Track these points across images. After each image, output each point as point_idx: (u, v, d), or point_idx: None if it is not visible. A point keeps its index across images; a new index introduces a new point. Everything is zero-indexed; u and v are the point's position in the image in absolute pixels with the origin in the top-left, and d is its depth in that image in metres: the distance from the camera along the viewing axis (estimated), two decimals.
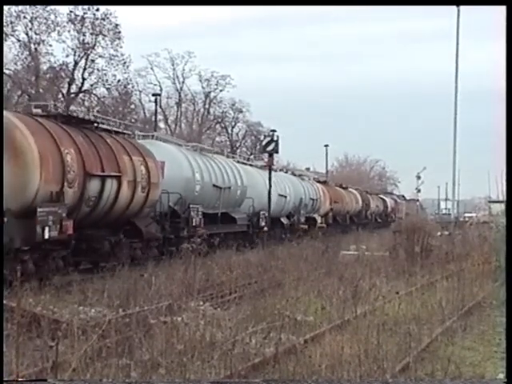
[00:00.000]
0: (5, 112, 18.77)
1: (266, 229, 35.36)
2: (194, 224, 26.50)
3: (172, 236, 25.26)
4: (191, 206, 26.71)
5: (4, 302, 12.16)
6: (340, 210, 52.94)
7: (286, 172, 45.92)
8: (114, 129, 23.59)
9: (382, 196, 76.39)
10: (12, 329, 10.14)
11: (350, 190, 59.62)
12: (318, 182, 50.84)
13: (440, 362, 10.89)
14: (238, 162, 36.88)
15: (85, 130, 21.08)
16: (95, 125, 22.12)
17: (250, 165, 38.67)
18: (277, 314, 13.28)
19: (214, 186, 29.35)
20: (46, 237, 17.85)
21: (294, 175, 46.18)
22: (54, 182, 18.50)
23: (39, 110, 20.57)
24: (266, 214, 35.47)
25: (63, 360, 9.51)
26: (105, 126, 22.86)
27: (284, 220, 39.85)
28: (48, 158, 18.31)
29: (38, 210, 17.66)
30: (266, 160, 39.15)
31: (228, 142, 71.69)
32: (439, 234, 32.99)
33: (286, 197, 39.87)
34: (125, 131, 24.80)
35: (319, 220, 45.69)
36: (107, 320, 11.15)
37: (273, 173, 37.34)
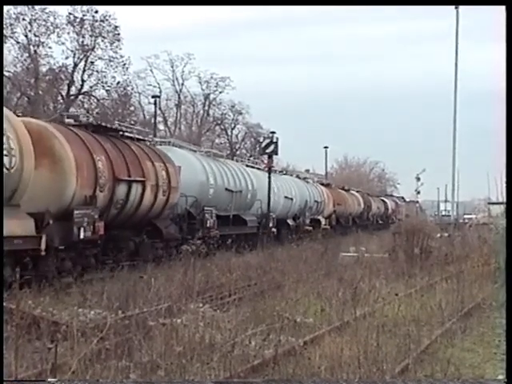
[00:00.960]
0: (43, 122, 20.45)
1: (274, 230, 36.64)
2: (208, 225, 27.94)
3: (189, 236, 26.15)
4: (205, 208, 28.15)
5: (4, 303, 12.15)
6: (343, 211, 54.22)
7: (286, 173, 46.22)
8: (137, 136, 25.14)
9: (382, 198, 77.22)
10: (11, 331, 10.14)
11: (352, 192, 60.66)
12: (322, 184, 52.08)
13: (439, 363, 10.88)
14: (247, 166, 37.96)
15: (112, 137, 22.80)
16: (120, 133, 23.91)
17: (258, 168, 39.74)
18: (276, 315, 13.28)
19: (226, 189, 30.82)
20: (82, 237, 19.40)
21: (299, 178, 47.36)
22: (88, 187, 20.12)
23: (71, 120, 22.01)
24: (274, 216, 36.85)
25: (63, 362, 9.51)
26: (129, 134, 24.46)
27: (290, 221, 41.14)
28: (83, 165, 19.92)
29: (75, 212, 19.25)
30: (265, 162, 39.21)
31: (227, 144, 71.71)
32: (439, 235, 32.98)
33: (292, 199, 41.23)
34: (145, 138, 26.54)
35: (323, 221, 46.86)
36: (107, 324, 11.14)
37: (279, 176, 40.34)
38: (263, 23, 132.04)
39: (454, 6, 37.89)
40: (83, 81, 51.62)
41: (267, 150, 36.34)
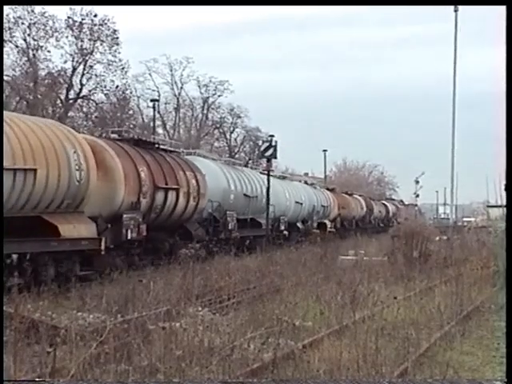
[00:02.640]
0: (95, 138, 23.62)
1: (285, 232, 39.20)
2: (229, 228, 30.79)
3: (214, 238, 29.29)
4: (228, 212, 30.87)
5: (4, 307, 12.15)
6: (347, 215, 56.70)
7: (284, 178, 46.66)
8: (169, 148, 28.45)
9: (384, 202, 78.58)
10: (10, 335, 10.14)
11: (355, 196, 62.81)
12: (327, 189, 54.57)
13: (438, 366, 10.89)
14: (261, 173, 39.46)
15: (150, 150, 25.93)
16: (156, 145, 27.09)
17: (271, 175, 41.06)
18: (275, 319, 13.26)
19: (244, 195, 33.77)
20: (129, 237, 22.31)
21: (307, 184, 49.93)
22: (133, 194, 23.09)
23: (116, 135, 25.44)
24: (286, 219, 39.70)
25: (62, 366, 9.51)
26: (163, 147, 27.78)
27: (300, 225, 43.79)
28: (129, 175, 22.87)
29: (124, 216, 22.12)
30: (264, 165, 39.31)
31: (226, 148, 71.69)
32: (438, 238, 33.00)
33: (301, 204, 43.92)
34: (176, 149, 29.85)
35: (329, 225, 49.08)
36: (106, 328, 11.14)
37: (290, 182, 44.23)
38: (262, 26, 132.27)
39: (453, 10, 37.81)
40: (82, 84, 51.59)
41: (266, 154, 36.38)
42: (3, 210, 16.65)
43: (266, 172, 39.76)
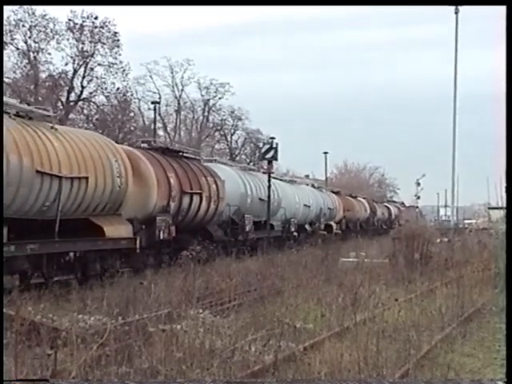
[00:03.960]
0: (131, 148, 25.93)
1: (295, 234, 40.97)
2: (247, 230, 32.88)
3: (232, 239, 31.51)
4: (245, 215, 33.01)
5: (4, 309, 12.14)
6: (351, 217, 58.44)
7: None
8: (192, 156, 30.68)
9: (386, 204, 79.95)
10: (11, 337, 10.14)
11: (359, 199, 64.50)
12: (333, 192, 56.08)
13: (440, 368, 10.88)
14: (274, 178, 40.83)
15: (176, 157, 28.21)
16: (181, 153, 29.39)
17: (280, 179, 43.94)
18: (276, 321, 13.26)
19: (259, 199, 35.60)
20: (161, 237, 24.68)
21: (314, 187, 51.63)
22: (164, 198, 25.45)
23: (146, 145, 27.78)
24: (296, 221, 41.78)
25: (63, 368, 9.51)
26: (187, 154, 30.09)
27: (308, 227, 45.40)
28: (161, 181, 25.24)
29: (157, 218, 24.52)
30: (265, 167, 39.35)
31: (227, 150, 71.69)
32: (439, 240, 32.97)
33: (309, 207, 45.68)
34: (197, 157, 32.15)
35: (335, 226, 50.85)
36: (107, 330, 11.13)
37: (298, 186, 46.30)
38: (262, 29, 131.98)
39: (454, 12, 37.81)
40: (83, 87, 51.61)
41: (267, 156, 36.39)
42: (59, 213, 19.01)
43: (277, 177, 41.06)
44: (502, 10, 11.20)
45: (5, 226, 17.03)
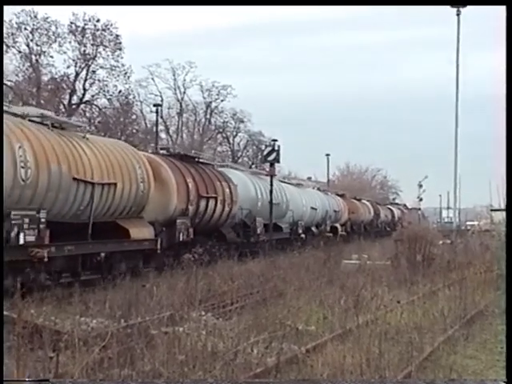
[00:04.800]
0: (151, 154, 27.72)
1: (303, 236, 41.79)
2: (258, 232, 34.25)
3: (245, 241, 32.95)
4: (257, 218, 34.39)
5: (6, 312, 12.14)
6: (356, 219, 59.58)
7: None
8: (207, 161, 32.39)
9: (389, 206, 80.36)
10: (13, 340, 10.14)
11: (364, 201, 65.62)
12: (338, 195, 57.30)
13: (442, 370, 10.88)
14: (281, 181, 43.15)
15: (193, 163, 29.72)
16: (196, 159, 30.88)
17: (287, 183, 45.19)
18: (278, 323, 13.26)
19: (269, 202, 36.26)
20: (181, 239, 26.14)
21: (320, 190, 52.84)
22: (183, 202, 26.92)
23: (164, 151, 29.79)
24: (303, 223, 42.90)
25: (65, 371, 9.50)
26: (202, 160, 31.62)
27: (314, 229, 46.49)
28: (180, 186, 26.67)
29: (177, 221, 26.00)
30: (267, 169, 39.41)
31: (229, 152, 71.69)
32: (441, 242, 32.96)
33: (316, 209, 46.86)
34: (211, 162, 33.90)
35: (340, 228, 51.88)
36: (109, 332, 11.13)
37: (305, 189, 47.75)
38: (264, 31, 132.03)
39: (455, 13, 37.82)
40: (85, 90, 51.68)
41: (269, 158, 36.39)
42: (92, 215, 20.63)
43: (285, 180, 41.37)
44: (502, 10, 11.20)
45: (47, 229, 18.44)
